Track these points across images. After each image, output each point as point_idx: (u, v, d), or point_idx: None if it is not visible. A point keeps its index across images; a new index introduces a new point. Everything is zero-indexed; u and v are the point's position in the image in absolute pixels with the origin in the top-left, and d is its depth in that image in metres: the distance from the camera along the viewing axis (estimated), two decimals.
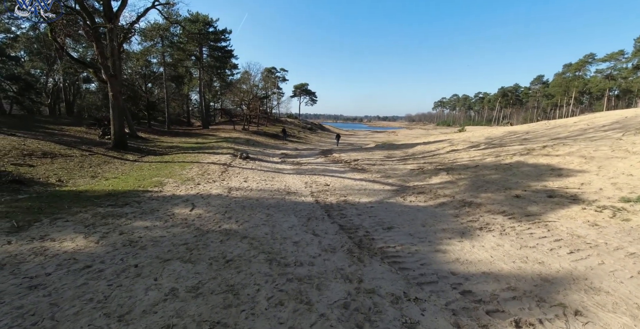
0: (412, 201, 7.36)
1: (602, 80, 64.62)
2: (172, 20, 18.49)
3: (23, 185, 7.26)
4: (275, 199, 7.31)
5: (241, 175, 10.42)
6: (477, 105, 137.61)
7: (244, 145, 21.88)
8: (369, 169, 12.35)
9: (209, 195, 7.29)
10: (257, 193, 7.84)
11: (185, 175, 9.66)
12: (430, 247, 4.43)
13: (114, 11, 13.57)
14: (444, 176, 9.86)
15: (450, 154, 14.21)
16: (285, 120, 61.05)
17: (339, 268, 3.64)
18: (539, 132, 16.59)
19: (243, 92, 40.41)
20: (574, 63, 73.73)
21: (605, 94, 64.71)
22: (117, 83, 14.19)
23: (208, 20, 38.67)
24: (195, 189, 7.87)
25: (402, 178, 10.18)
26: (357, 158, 15.84)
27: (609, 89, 63.83)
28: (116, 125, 14.42)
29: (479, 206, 6.66)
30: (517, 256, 4.12)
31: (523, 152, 11.64)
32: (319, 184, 9.49)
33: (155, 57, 35.35)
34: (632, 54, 55.73)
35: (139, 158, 13.25)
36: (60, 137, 15.07)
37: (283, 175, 11.07)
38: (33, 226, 4.74)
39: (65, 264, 3.58)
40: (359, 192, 8.37)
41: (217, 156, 14.36)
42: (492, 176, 9.25)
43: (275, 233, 4.88)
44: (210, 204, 6.52)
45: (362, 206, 6.87)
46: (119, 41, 14.23)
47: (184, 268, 3.48)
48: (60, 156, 11.16)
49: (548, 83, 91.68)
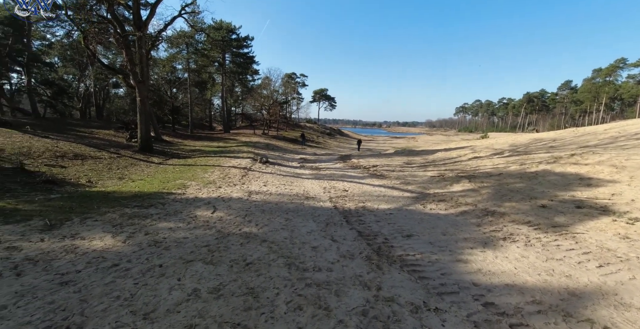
0: (432, 209, 7.24)
1: (634, 85, 61.67)
2: (197, 27, 19.12)
3: (55, 185, 7.65)
4: (294, 204, 7.37)
5: (261, 179, 10.57)
6: (501, 111, 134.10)
7: (263, 150, 22.18)
8: (388, 175, 12.25)
9: (230, 198, 7.44)
10: (276, 198, 7.94)
11: (207, 178, 9.90)
12: (451, 256, 4.35)
13: (143, 20, 14.18)
14: (466, 184, 9.65)
15: (473, 161, 13.89)
16: (305, 125, 61.49)
17: (357, 274, 3.63)
18: (567, 139, 16.00)
19: (263, 97, 41.11)
20: (604, 69, 70.85)
21: (638, 101, 61.64)
22: (144, 89, 14.76)
23: (231, 28, 39.70)
24: (217, 192, 8.05)
25: (422, 185, 10.04)
26: (375, 164, 15.74)
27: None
28: (143, 129, 14.97)
29: (502, 216, 6.49)
30: (543, 268, 3.98)
31: (550, 160, 11.25)
32: (338, 189, 9.50)
33: (180, 63, 36.56)
34: None
35: (164, 161, 13.69)
36: (90, 140, 15.78)
37: (302, 180, 11.15)
38: (65, 224, 4.99)
39: (94, 262, 3.75)
40: (378, 199, 8.31)
41: (237, 160, 14.64)
42: (516, 185, 8.98)
43: (294, 237, 4.92)
44: (231, 207, 6.65)
45: (381, 213, 6.82)
46: (147, 48, 14.84)
47: (206, 270, 3.57)
48: (90, 158, 11.68)
49: (576, 88, 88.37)
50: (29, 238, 4.34)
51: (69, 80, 35.73)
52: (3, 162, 8.66)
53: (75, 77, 35.00)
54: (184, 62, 36.51)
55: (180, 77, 38.53)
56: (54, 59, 34.76)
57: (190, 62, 36.80)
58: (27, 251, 3.92)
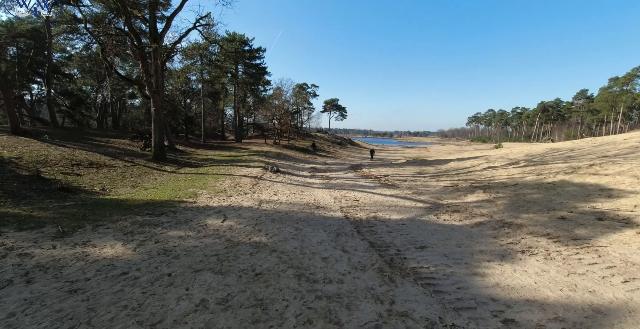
0: (446, 220, 7.06)
1: None
2: (211, 39, 19.57)
3: (70, 193, 7.77)
4: (304, 213, 7.29)
5: (271, 188, 10.55)
6: (515, 121, 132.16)
7: (274, 159, 22.27)
8: (400, 185, 12.07)
9: (240, 207, 7.41)
10: (286, 207, 7.88)
11: (218, 187, 9.93)
12: (467, 270, 4.18)
13: (159, 32, 14.59)
14: (480, 195, 9.42)
15: (487, 171, 13.61)
16: (315, 135, 61.73)
17: (369, 287, 3.51)
18: (585, 149, 15.57)
19: (275, 107, 41.56)
20: (621, 77, 69.38)
21: None
22: (159, 99, 15.08)
23: (244, 40, 40.56)
24: (227, 201, 8.04)
25: (435, 196, 9.85)
26: (387, 173, 15.58)
27: None
28: (156, 138, 15.23)
29: (519, 228, 6.27)
30: (565, 283, 3.79)
31: (568, 171, 10.93)
32: (349, 199, 9.39)
33: (194, 74, 37.40)
34: None
35: (176, 170, 13.84)
36: (105, 149, 16.12)
37: (312, 189, 11.08)
38: (77, 232, 5.02)
39: (104, 270, 3.73)
40: (390, 209, 8.17)
41: (248, 169, 14.70)
42: (533, 196, 8.72)
43: (304, 247, 4.83)
44: (241, 216, 6.61)
45: (393, 224, 6.68)
46: (162, 60, 15.22)
47: (215, 280, 3.50)
48: (105, 166, 11.90)
49: (592, 98, 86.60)
50: (41, 245, 4.37)
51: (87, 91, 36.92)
52: (20, 170, 8.87)
53: (93, 87, 36.16)
54: (197, 73, 37.35)
55: (194, 87, 39.38)
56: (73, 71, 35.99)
57: (204, 73, 37.61)
58: (39, 258, 3.94)
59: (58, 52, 33.99)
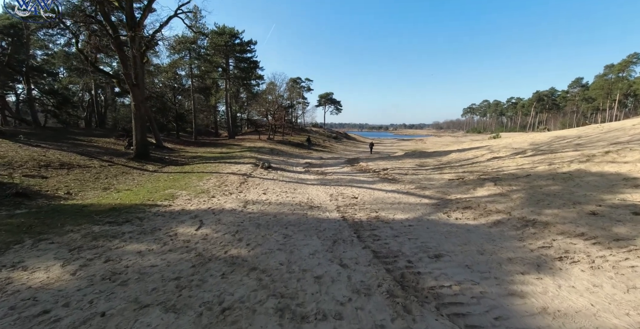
0: (458, 219, 6.15)
1: None
2: (194, 29, 18.38)
3: (26, 199, 6.76)
4: (295, 215, 6.34)
5: (261, 187, 9.58)
6: (510, 111, 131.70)
7: (267, 155, 21.26)
8: (401, 179, 11.16)
9: (222, 210, 6.44)
10: (275, 208, 6.91)
11: (201, 186, 8.94)
12: (499, 288, 3.27)
13: (137, 20, 13.43)
14: (491, 188, 8.52)
15: (493, 162, 12.72)
16: (310, 129, 60.64)
17: (378, 324, 2.57)
18: (593, 136, 14.74)
19: (268, 103, 40.34)
20: (616, 64, 68.69)
21: None
22: (139, 93, 13.98)
23: (234, 32, 39.15)
24: (208, 203, 7.06)
25: (440, 190, 8.94)
26: (386, 167, 14.65)
27: None
28: (138, 135, 14.16)
29: (546, 226, 5.37)
30: (629, 304, 2.89)
31: (582, 159, 10.07)
32: (346, 196, 8.45)
33: (183, 69, 36.02)
34: None
35: (159, 169, 12.82)
36: (84, 148, 15.03)
37: (306, 186, 10.13)
38: (11, 249, 4.04)
39: (20, 307, 2.77)
40: (393, 207, 7.24)
41: (238, 166, 13.69)
42: (551, 188, 7.83)
43: (293, 262, 3.88)
44: (220, 221, 5.64)
45: (398, 225, 5.75)
46: (141, 50, 14.08)
47: (163, 321, 2.54)
48: (78, 167, 10.85)
49: (587, 86, 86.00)
50: None
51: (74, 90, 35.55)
52: None
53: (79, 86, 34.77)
54: (187, 68, 35.99)
55: (185, 83, 38.01)
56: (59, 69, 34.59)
57: (193, 68, 36.29)
58: None
59: (40, 50, 32.57)
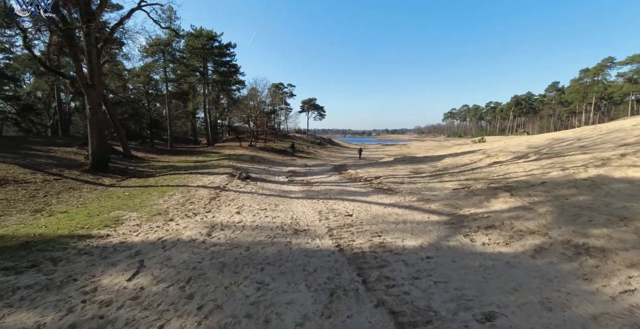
0: (486, 244, 4.78)
1: (624, 84, 61.21)
2: (164, 25, 16.66)
3: None
4: (276, 245, 4.81)
5: (235, 203, 7.98)
6: (489, 115, 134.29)
7: (247, 163, 19.59)
8: (398, 189, 9.80)
9: (176, 242, 4.83)
10: (250, 235, 5.35)
11: (158, 206, 7.26)
12: None
13: (92, 11, 11.69)
14: (508, 199, 7.25)
15: (495, 167, 11.58)
16: (294, 136, 59.12)
17: None
18: (593, 138, 13.92)
19: (250, 108, 38.54)
20: (591, 68, 70.67)
21: (630, 99, 61.26)
22: (95, 95, 12.16)
23: (212, 35, 37.40)
24: (162, 230, 5.42)
25: (448, 203, 7.60)
26: (378, 175, 13.30)
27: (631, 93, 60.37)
28: (94, 144, 12.29)
29: (605, 254, 4.07)
30: None
31: (596, 163, 9.01)
32: (338, 213, 6.99)
33: (157, 73, 33.88)
34: None
35: (117, 182, 10.99)
36: (33, 159, 13.00)
37: (290, 201, 8.60)
38: None
39: None
40: (398, 227, 5.82)
41: (211, 177, 12.00)
42: (579, 199, 6.63)
43: None
44: (169, 261, 4.05)
45: (413, 257, 4.32)
46: (97, 46, 12.29)
47: None
48: (14, 182, 8.96)
49: (564, 90, 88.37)
50: None
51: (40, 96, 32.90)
52: None
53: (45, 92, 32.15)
54: (161, 72, 33.92)
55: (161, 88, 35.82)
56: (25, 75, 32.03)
57: (168, 72, 34.27)
58: None
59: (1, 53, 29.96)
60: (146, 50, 32.05)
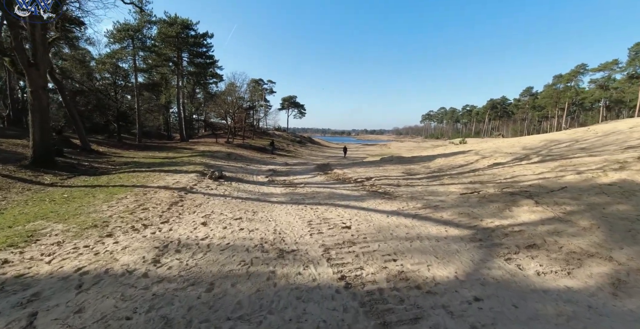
0: (542, 274, 3.53)
1: (595, 90, 63.42)
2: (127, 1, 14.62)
3: None
4: (253, 280, 3.33)
5: (202, 210, 6.40)
6: (465, 118, 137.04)
7: (222, 160, 17.83)
8: (397, 193, 8.52)
9: (102, 276, 3.24)
10: (216, 261, 3.83)
11: (100, 213, 5.58)
12: None
13: None
14: (534, 208, 6.09)
15: (497, 169, 10.55)
16: (274, 133, 57.21)
17: None
18: (591, 140, 13.30)
19: (228, 104, 36.37)
20: (565, 74, 72.90)
21: (601, 105, 63.54)
22: (38, 76, 10.15)
23: (187, 23, 34.94)
24: (89, 253, 3.81)
25: (461, 211, 6.37)
26: (368, 175, 12.00)
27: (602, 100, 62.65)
28: (36, 134, 10.27)
29: None
30: None
31: (613, 166, 8.11)
32: (333, 224, 5.59)
33: (125, 61, 31.20)
34: (627, 63, 54.55)
35: (61, 181, 9.10)
36: None
37: (271, 207, 7.10)
38: None
39: None
40: (414, 246, 4.48)
41: (177, 176, 10.28)
42: (618, 208, 5.56)
43: None
44: (77, 318, 2.49)
45: (455, 299, 2.98)
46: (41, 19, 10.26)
47: None
48: None
49: (537, 95, 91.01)
50: None
51: None
52: None
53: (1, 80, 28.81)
54: (129, 61, 31.28)
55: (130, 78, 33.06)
56: None
57: (137, 61, 31.67)
58: None
59: None
60: (113, 35, 29.45)
